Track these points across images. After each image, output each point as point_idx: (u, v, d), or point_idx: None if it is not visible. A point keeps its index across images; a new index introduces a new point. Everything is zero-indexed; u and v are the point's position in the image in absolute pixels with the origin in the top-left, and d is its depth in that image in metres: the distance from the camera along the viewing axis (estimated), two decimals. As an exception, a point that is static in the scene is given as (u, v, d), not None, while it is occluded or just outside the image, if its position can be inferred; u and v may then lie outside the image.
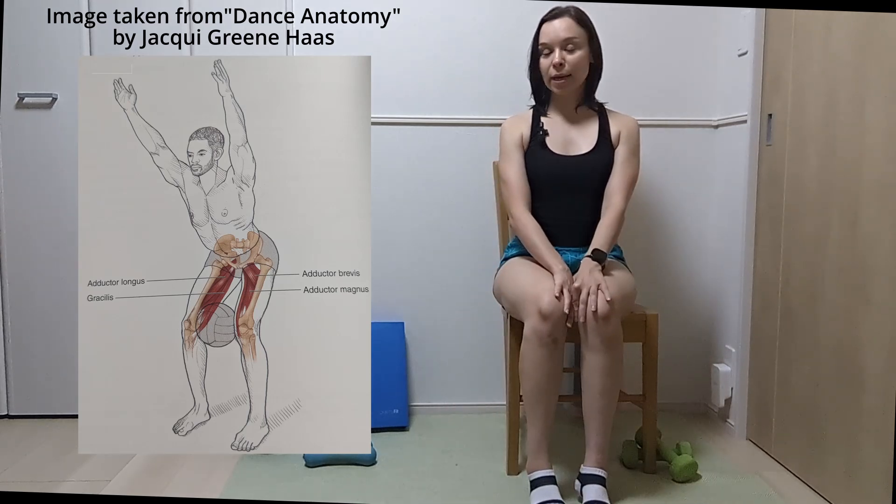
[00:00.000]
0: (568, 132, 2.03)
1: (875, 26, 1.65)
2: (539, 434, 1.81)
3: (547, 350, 1.75)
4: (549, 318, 1.74)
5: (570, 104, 2.05)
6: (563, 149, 2.01)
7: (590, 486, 1.76)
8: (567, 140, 2.02)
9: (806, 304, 1.92)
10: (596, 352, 1.76)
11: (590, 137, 2.02)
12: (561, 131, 2.03)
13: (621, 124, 2.04)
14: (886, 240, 1.60)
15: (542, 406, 1.80)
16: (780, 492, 1.88)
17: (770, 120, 2.12)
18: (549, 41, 1.97)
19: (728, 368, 2.34)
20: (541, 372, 1.77)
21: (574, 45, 1.96)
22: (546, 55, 1.98)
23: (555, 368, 1.78)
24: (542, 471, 1.80)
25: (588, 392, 1.79)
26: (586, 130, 2.03)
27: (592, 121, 2.05)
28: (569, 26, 1.96)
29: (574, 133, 2.03)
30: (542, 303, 1.75)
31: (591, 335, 1.75)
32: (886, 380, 1.59)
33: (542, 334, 1.74)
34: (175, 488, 1.90)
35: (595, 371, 1.77)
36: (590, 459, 1.80)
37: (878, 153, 1.64)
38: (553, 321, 1.74)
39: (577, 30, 1.97)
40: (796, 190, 1.98)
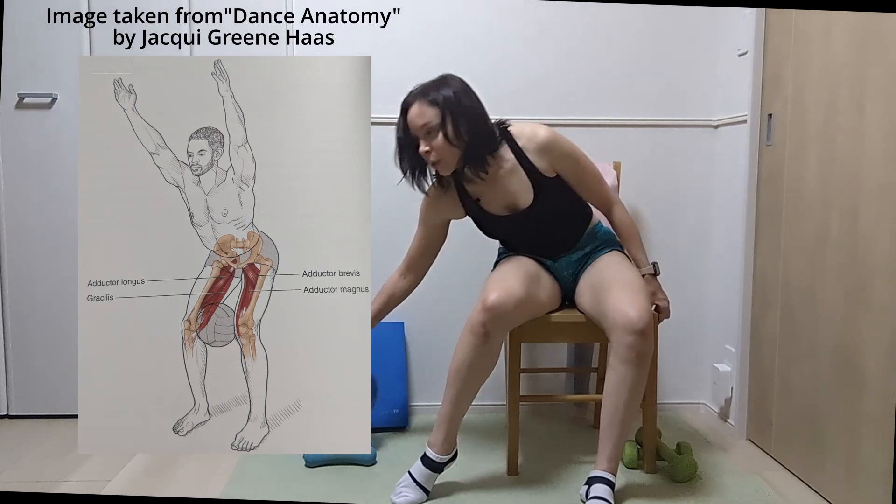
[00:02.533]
0: (497, 189, 1.90)
1: (875, 26, 1.65)
2: (445, 413, 1.85)
3: (476, 339, 1.79)
4: (489, 311, 1.78)
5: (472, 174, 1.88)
6: (505, 209, 1.93)
7: (597, 485, 1.76)
8: (503, 199, 1.92)
9: (806, 304, 1.92)
10: (629, 365, 1.74)
11: (522, 186, 1.89)
12: (490, 192, 1.91)
13: (539, 150, 1.87)
14: (886, 240, 1.60)
15: (453, 389, 1.84)
16: (780, 492, 1.88)
17: (770, 120, 2.12)
18: (412, 130, 1.82)
19: (728, 368, 2.34)
20: (464, 357, 1.81)
21: (430, 129, 1.79)
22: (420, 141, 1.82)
23: (479, 360, 1.81)
24: (431, 450, 1.85)
25: (611, 402, 1.78)
26: (513, 179, 1.89)
27: (511, 166, 1.88)
28: (421, 112, 1.80)
29: (503, 190, 1.90)
30: (489, 295, 1.79)
31: (628, 349, 1.74)
32: (886, 380, 1.59)
33: (475, 322, 1.79)
34: (175, 488, 1.90)
35: (623, 384, 1.75)
36: (601, 465, 1.79)
37: (878, 153, 1.64)
38: (489, 315, 1.77)
39: (431, 113, 1.79)
40: (796, 190, 1.98)
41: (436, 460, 1.84)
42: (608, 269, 1.91)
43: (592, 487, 1.76)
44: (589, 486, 1.78)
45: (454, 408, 1.85)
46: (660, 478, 1.95)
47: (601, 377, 2.32)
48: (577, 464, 2.04)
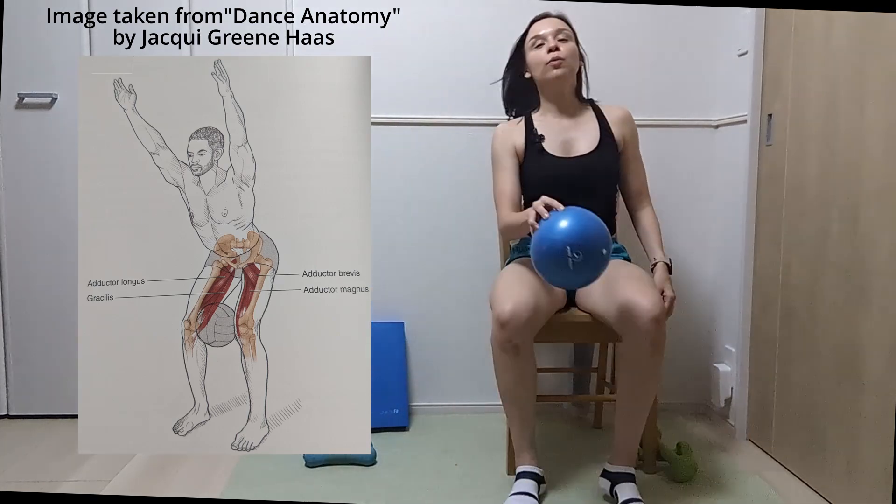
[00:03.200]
0: (565, 132, 2.02)
1: (875, 26, 1.65)
2: (517, 433, 1.84)
3: (509, 355, 1.76)
4: (506, 326, 1.73)
5: (563, 104, 2.04)
6: (563, 151, 2.00)
7: (623, 484, 1.77)
8: (566, 141, 2.01)
9: (806, 304, 1.92)
10: (645, 354, 1.72)
11: (590, 136, 2.01)
12: (557, 132, 2.02)
13: (621, 122, 2.04)
14: (886, 240, 1.60)
15: (515, 407, 1.82)
16: (780, 492, 1.88)
17: (770, 120, 2.12)
18: (543, 32, 2.00)
19: (728, 368, 2.34)
20: (508, 376, 1.79)
21: (565, 37, 2.00)
22: (539, 46, 2.00)
23: (522, 372, 1.78)
24: (524, 466, 1.83)
25: (625, 395, 1.77)
26: (584, 129, 2.03)
27: (589, 118, 2.04)
28: (558, 23, 2.03)
29: (572, 133, 2.02)
30: (503, 309, 1.74)
31: (643, 337, 1.71)
32: (886, 380, 1.59)
33: (500, 340, 1.76)
34: (175, 488, 1.90)
35: (639, 373, 1.74)
36: (619, 459, 1.80)
37: (878, 153, 1.64)
38: (511, 329, 1.73)
39: (566, 27, 2.03)
40: (796, 190, 1.98)
41: (537, 472, 1.82)
42: (618, 269, 1.90)
43: (619, 487, 1.76)
44: (613, 483, 1.78)
45: (523, 426, 1.83)
46: (660, 478, 1.95)
47: (601, 377, 2.32)
48: (578, 464, 2.04)
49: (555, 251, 1.57)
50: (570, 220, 1.60)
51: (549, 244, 1.59)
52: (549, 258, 1.60)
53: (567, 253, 1.55)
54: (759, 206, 2.19)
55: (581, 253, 1.55)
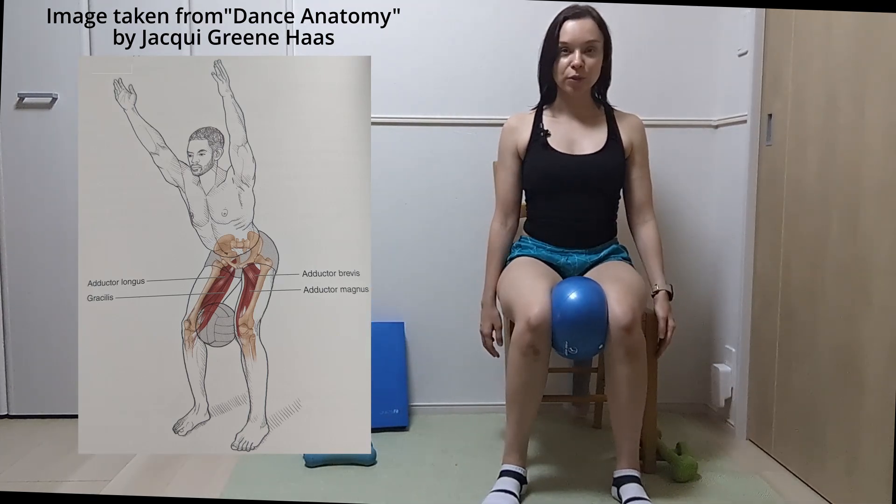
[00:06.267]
0: (573, 132, 2.02)
1: (875, 26, 1.65)
2: (513, 433, 1.84)
3: (527, 359, 1.76)
4: (535, 330, 1.74)
5: (577, 104, 2.03)
6: (567, 148, 2.00)
7: (627, 485, 1.78)
8: (571, 140, 2.01)
9: (806, 304, 1.92)
10: (622, 363, 1.76)
11: (597, 138, 2.01)
12: (565, 130, 2.02)
13: (630, 128, 2.03)
14: (886, 240, 1.60)
15: (518, 409, 1.82)
16: (780, 492, 1.88)
17: (770, 120, 2.12)
18: (571, 41, 1.93)
19: (728, 368, 2.34)
20: (519, 378, 1.79)
21: (594, 49, 1.94)
22: (564, 55, 1.95)
23: (533, 377, 1.78)
24: (509, 465, 1.84)
25: (616, 402, 1.80)
26: (594, 131, 2.02)
27: (600, 122, 2.03)
28: (591, 28, 1.94)
29: (579, 133, 2.02)
30: (531, 313, 1.74)
31: (616, 347, 1.75)
32: (886, 380, 1.59)
33: (524, 343, 1.75)
34: (175, 488, 1.90)
35: (622, 382, 1.77)
36: (623, 463, 1.81)
37: (878, 153, 1.64)
38: (538, 333, 1.74)
39: (598, 33, 1.95)
40: (796, 190, 1.98)
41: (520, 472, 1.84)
42: (609, 269, 1.92)
43: (623, 488, 1.78)
44: (618, 486, 1.80)
45: (520, 429, 1.84)
46: (660, 478, 1.95)
47: (601, 377, 2.32)
48: (577, 464, 2.04)
49: (554, 340, 1.78)
50: (574, 314, 1.75)
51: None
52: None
53: (565, 346, 1.78)
54: (759, 206, 2.19)
55: (576, 348, 1.78)
